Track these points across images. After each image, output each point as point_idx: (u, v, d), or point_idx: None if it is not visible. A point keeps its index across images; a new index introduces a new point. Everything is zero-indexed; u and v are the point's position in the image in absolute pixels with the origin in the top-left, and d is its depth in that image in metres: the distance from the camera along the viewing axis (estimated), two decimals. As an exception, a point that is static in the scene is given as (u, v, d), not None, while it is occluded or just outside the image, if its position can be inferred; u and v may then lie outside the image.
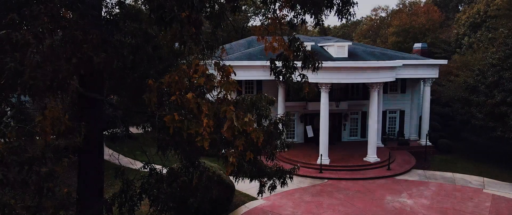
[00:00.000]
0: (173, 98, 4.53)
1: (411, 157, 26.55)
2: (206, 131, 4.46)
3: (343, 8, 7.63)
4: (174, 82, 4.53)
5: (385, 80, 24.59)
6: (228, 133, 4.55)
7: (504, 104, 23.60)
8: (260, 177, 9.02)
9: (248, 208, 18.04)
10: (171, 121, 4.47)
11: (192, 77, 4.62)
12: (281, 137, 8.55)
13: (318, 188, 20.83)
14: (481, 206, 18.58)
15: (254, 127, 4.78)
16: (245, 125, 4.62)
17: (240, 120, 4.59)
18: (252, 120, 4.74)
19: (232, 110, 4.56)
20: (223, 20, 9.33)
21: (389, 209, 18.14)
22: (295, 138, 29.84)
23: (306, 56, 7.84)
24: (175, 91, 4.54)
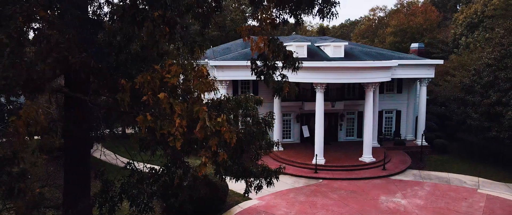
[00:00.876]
0: (144, 98, 4.51)
1: (407, 157, 26.55)
2: (179, 131, 4.45)
3: (324, 7, 7.58)
4: (146, 82, 4.51)
5: (380, 80, 24.58)
6: (201, 133, 4.53)
7: (499, 105, 23.60)
8: (246, 177, 8.97)
9: (242, 208, 18.03)
10: (143, 121, 4.45)
11: (165, 78, 4.61)
12: (266, 136, 8.51)
13: (312, 188, 20.82)
14: (475, 206, 18.56)
15: (228, 127, 4.76)
16: (218, 125, 4.61)
17: (213, 120, 4.57)
18: (225, 120, 4.72)
19: (205, 110, 4.54)
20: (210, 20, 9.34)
21: (383, 209, 18.12)
22: (291, 138, 29.83)
23: (286, 56, 7.81)
24: (147, 92, 4.52)
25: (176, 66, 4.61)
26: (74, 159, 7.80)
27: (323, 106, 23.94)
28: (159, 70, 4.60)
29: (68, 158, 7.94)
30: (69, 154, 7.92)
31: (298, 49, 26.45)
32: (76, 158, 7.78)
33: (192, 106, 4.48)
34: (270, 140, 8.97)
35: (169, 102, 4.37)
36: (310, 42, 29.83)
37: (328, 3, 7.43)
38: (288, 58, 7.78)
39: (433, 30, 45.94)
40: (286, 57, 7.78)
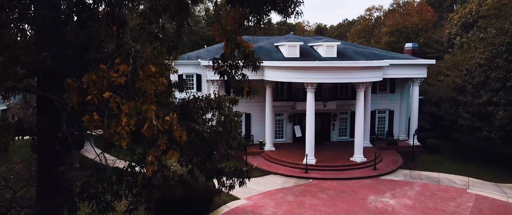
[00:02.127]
0: (88, 98, 4.49)
1: (399, 157, 26.53)
2: (125, 130, 4.43)
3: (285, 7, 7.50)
4: (92, 81, 4.49)
5: (371, 80, 24.57)
6: (148, 132, 4.53)
7: (490, 104, 23.58)
8: (218, 177, 8.95)
9: (229, 208, 18.02)
10: (90, 121, 4.44)
11: (112, 77, 4.58)
12: (238, 136, 8.49)
13: (302, 188, 20.80)
14: (463, 206, 18.54)
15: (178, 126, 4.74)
16: (167, 124, 4.59)
17: (161, 119, 4.56)
18: (175, 119, 4.69)
19: (153, 109, 4.53)
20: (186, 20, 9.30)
21: (371, 209, 18.11)
22: (284, 138, 29.82)
23: (246, 55, 7.79)
24: (93, 91, 4.49)
25: (124, 65, 4.59)
26: (46, 159, 7.78)
27: (314, 106, 23.92)
28: (105, 69, 4.58)
29: (40, 158, 7.93)
30: (41, 154, 7.90)
31: (290, 49, 26.52)
32: (48, 158, 7.76)
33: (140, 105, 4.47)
34: (242, 140, 8.86)
35: (115, 102, 4.36)
36: (304, 42, 29.80)
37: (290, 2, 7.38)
38: (247, 57, 7.74)
39: (429, 30, 45.91)
40: (246, 57, 7.75)
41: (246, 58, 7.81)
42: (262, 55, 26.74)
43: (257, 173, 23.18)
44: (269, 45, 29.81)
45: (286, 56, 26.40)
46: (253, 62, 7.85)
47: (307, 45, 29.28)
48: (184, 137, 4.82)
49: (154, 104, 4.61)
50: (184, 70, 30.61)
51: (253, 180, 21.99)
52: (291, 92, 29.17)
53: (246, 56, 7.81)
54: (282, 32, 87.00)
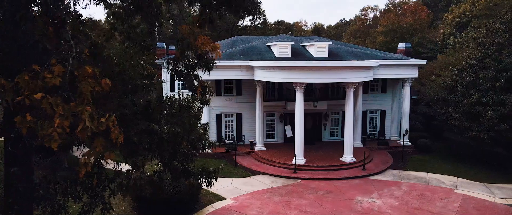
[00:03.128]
0: (18, 98, 4.47)
1: (389, 157, 26.50)
2: (57, 131, 4.41)
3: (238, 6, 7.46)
4: (24, 82, 4.47)
5: (361, 80, 24.53)
6: (82, 134, 4.51)
7: (479, 105, 23.55)
8: (185, 177, 8.92)
9: (214, 208, 17.99)
10: (21, 122, 4.42)
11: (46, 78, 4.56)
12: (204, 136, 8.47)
13: (289, 188, 20.78)
14: (449, 206, 18.52)
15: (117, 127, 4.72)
16: (102, 125, 4.57)
17: (95, 120, 4.53)
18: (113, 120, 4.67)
19: (88, 111, 4.51)
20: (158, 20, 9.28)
21: (356, 209, 18.09)
22: (275, 138, 29.79)
23: (199, 56, 7.76)
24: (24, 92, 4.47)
25: (59, 66, 4.56)
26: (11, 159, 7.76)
27: (303, 106, 23.88)
28: (38, 70, 4.56)
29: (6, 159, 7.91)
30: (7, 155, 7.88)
31: (281, 49, 26.45)
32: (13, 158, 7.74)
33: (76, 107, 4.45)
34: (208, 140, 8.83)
35: (49, 103, 4.34)
36: (297, 42, 29.76)
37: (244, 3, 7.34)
38: (200, 57, 7.71)
39: (423, 30, 45.86)
40: (199, 57, 7.71)
41: (199, 59, 7.77)
42: (254, 55, 26.76)
43: (245, 173, 23.19)
44: (262, 45, 29.75)
45: (277, 56, 26.36)
46: (205, 62, 7.81)
47: (299, 45, 29.22)
48: (120, 138, 4.80)
49: (90, 105, 4.58)
50: (176, 70, 30.61)
51: (241, 180, 22.10)
52: (282, 92, 29.15)
53: (199, 56, 7.78)
54: (280, 32, 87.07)
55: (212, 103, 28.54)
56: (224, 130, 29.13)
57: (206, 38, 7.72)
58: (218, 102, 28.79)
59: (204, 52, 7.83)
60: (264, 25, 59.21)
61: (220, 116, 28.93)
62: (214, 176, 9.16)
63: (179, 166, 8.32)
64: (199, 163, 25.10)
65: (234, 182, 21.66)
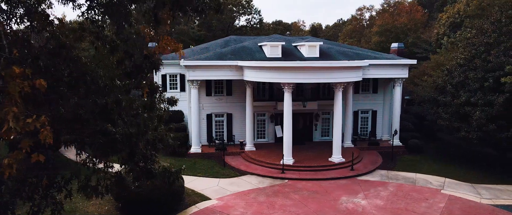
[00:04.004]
0: None
1: (379, 157, 26.46)
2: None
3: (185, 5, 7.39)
4: None
5: (350, 80, 24.50)
6: (6, 134, 4.50)
7: (468, 105, 23.49)
8: (148, 177, 8.90)
9: (198, 208, 17.97)
10: None
11: None
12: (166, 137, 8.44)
13: (275, 189, 20.75)
14: (434, 206, 18.47)
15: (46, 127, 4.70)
16: (28, 126, 4.56)
17: (21, 121, 4.52)
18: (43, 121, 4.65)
19: (13, 111, 4.49)
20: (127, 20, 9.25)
21: (341, 210, 18.05)
22: (266, 138, 29.77)
23: (145, 57, 7.74)
24: None
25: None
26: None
27: (291, 106, 23.85)
28: None
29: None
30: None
31: (272, 49, 26.44)
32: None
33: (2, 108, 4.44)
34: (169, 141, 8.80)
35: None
36: (289, 42, 29.74)
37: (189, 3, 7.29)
38: (147, 58, 7.69)
39: (418, 30, 45.78)
40: (145, 57, 7.69)
41: (146, 59, 7.75)
42: (245, 55, 26.73)
43: (233, 173, 23.17)
44: (253, 45, 29.71)
45: (268, 56, 26.35)
46: (152, 63, 7.79)
47: (291, 45, 29.22)
48: (49, 139, 4.78)
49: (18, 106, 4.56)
50: (168, 70, 30.59)
51: (228, 181, 22.09)
52: (273, 92, 29.11)
53: (145, 57, 7.76)
54: (277, 32, 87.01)
55: (202, 104, 28.68)
56: (215, 130, 29.12)
57: (169, 39, 7.70)
58: (209, 102, 28.79)
59: (151, 53, 7.80)
60: (260, 25, 59.24)
61: (210, 116, 28.91)
62: (177, 177, 9.09)
63: (142, 166, 8.29)
64: (187, 164, 25.12)
65: (221, 182, 21.64)
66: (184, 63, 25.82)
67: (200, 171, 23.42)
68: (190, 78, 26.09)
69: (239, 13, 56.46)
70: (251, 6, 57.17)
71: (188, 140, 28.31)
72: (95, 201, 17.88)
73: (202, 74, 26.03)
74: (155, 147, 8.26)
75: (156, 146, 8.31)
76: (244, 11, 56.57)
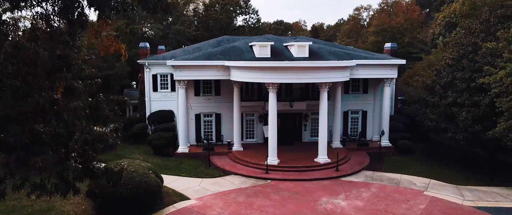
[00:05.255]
0: None
1: (367, 158, 26.28)
2: None
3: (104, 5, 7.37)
4: None
5: (336, 80, 24.36)
6: None
7: (455, 105, 23.24)
8: (91, 178, 8.90)
9: (176, 208, 17.98)
10: None
11: None
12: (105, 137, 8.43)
13: (257, 189, 20.69)
14: (414, 208, 18.29)
15: None
16: None
17: None
18: None
19: None
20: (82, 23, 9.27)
21: (319, 211, 17.95)
22: (255, 138, 29.73)
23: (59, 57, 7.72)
24: None
25: None
26: None
27: (276, 106, 23.78)
28: None
29: None
30: None
31: (261, 49, 26.39)
32: None
33: None
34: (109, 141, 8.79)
35: None
36: (280, 42, 29.66)
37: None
38: (61, 58, 7.68)
39: (414, 29, 45.42)
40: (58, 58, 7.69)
41: (59, 60, 7.74)
42: (234, 55, 26.71)
43: (217, 173, 23.16)
44: (244, 45, 29.68)
45: (257, 56, 26.31)
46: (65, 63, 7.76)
47: (282, 45, 29.15)
48: None
49: None
50: (159, 70, 30.68)
51: (211, 181, 22.09)
52: (261, 92, 29.05)
53: (59, 57, 7.75)
54: (278, 32, 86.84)
55: (190, 103, 28.71)
56: (203, 130, 29.14)
57: (112, 39, 7.70)
58: (197, 102, 28.82)
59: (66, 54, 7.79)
60: (258, 25, 59.13)
61: (199, 116, 28.95)
62: (119, 177, 9.08)
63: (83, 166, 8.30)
64: (172, 164, 25.15)
65: (203, 182, 21.64)
66: (170, 63, 25.87)
67: (185, 170, 23.43)
68: (177, 78, 26.12)
69: (237, 13, 56.36)
70: (249, 6, 57.09)
71: (177, 140, 28.36)
72: (73, 200, 17.98)
73: (189, 74, 26.04)
74: (93, 147, 8.27)
75: (95, 146, 8.32)
76: (241, 11, 56.48)
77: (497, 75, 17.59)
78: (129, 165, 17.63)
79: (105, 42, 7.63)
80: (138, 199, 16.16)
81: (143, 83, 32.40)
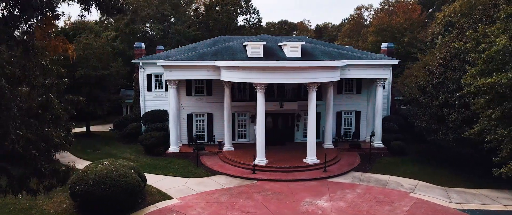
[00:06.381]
0: None
1: (357, 158, 26.06)
2: None
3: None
4: None
5: (324, 80, 24.20)
6: None
7: (446, 106, 22.91)
8: (39, 178, 8.94)
9: (157, 207, 18.03)
10: None
11: None
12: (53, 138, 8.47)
13: (242, 189, 20.65)
14: (398, 210, 18.06)
15: None
16: None
17: None
18: None
19: None
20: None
21: (300, 212, 17.83)
22: (247, 138, 29.68)
23: None
24: None
25: None
26: None
27: (264, 106, 23.70)
28: None
29: None
30: None
31: (253, 49, 26.30)
32: None
33: None
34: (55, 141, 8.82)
35: None
36: (275, 42, 29.50)
37: None
38: None
39: (414, 29, 44.88)
40: None
41: None
42: (226, 55, 26.68)
43: (204, 173, 23.19)
44: (238, 45, 29.64)
45: (249, 56, 26.24)
46: None
47: (276, 45, 29.03)
48: None
49: None
50: (153, 70, 30.88)
51: (197, 180, 22.12)
52: (253, 92, 28.93)
53: None
54: (283, 32, 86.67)
55: (182, 103, 28.80)
56: (195, 130, 29.20)
57: (60, 39, 7.74)
58: (189, 102, 28.88)
59: None
60: (258, 25, 59.02)
61: (191, 115, 29.00)
62: (64, 177, 9.11)
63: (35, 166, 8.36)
64: (162, 163, 25.25)
65: (189, 182, 21.68)
66: (160, 63, 25.96)
67: (173, 170, 23.50)
68: (167, 78, 26.20)
69: (237, 13, 56.33)
70: (250, 6, 57.04)
71: (169, 139, 28.45)
72: (55, 199, 18.18)
73: (179, 74, 26.09)
74: (37, 146, 8.31)
75: (38, 146, 8.36)
76: (241, 11, 56.45)
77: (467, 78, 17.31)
78: (111, 164, 17.79)
79: (53, 43, 7.67)
80: (117, 198, 16.25)
81: (137, 83, 32.63)
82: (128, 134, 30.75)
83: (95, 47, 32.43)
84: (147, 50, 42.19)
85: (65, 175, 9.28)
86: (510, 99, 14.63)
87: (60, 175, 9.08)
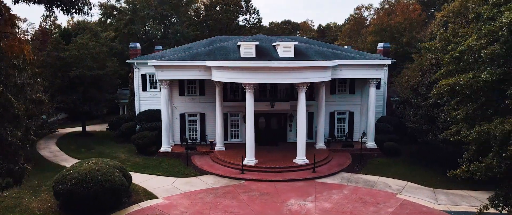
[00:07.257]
0: None
1: (349, 159, 25.92)
2: None
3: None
4: None
5: (313, 80, 24.13)
6: None
7: (436, 107, 22.69)
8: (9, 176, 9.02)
9: (140, 206, 18.11)
10: None
11: None
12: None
13: (228, 189, 20.66)
14: (382, 211, 17.93)
15: None
16: None
17: None
18: None
19: None
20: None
21: (284, 212, 17.80)
22: (240, 138, 29.69)
23: None
24: None
25: None
26: None
27: (253, 106, 23.72)
28: None
29: None
30: None
31: (246, 49, 26.27)
32: None
33: None
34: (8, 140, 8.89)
35: None
36: (270, 42, 29.46)
37: None
38: None
39: (413, 29, 44.50)
40: None
41: None
42: (219, 55, 26.71)
43: (193, 173, 23.24)
44: (232, 45, 29.67)
45: (242, 56, 26.24)
46: None
47: (270, 45, 29.00)
48: None
49: None
50: (148, 70, 31.01)
51: (184, 180, 22.19)
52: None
53: None
54: (285, 32, 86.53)
55: (175, 103, 28.90)
56: (188, 129, 29.28)
57: (17, 40, 7.82)
58: (182, 102, 28.99)
59: None
60: (259, 25, 58.98)
61: (183, 115, 29.10)
62: (20, 176, 9.19)
63: None
64: (152, 162, 25.33)
65: (176, 181, 21.75)
66: (151, 63, 26.08)
67: (162, 169, 23.60)
68: (159, 78, 26.31)
69: (238, 13, 56.34)
70: (250, 6, 57.04)
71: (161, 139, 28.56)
72: (41, 198, 18.36)
73: (171, 74, 26.18)
74: None
75: None
76: (241, 11, 56.44)
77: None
78: (96, 163, 17.91)
79: (9, 42, 7.76)
80: (99, 197, 16.35)
81: (133, 83, 32.81)
82: (123, 133, 30.94)
83: (90, 47, 32.68)
84: (147, 51, 42.45)
85: (20, 174, 9.37)
86: (475, 100, 14.47)
87: (16, 174, 9.18)
